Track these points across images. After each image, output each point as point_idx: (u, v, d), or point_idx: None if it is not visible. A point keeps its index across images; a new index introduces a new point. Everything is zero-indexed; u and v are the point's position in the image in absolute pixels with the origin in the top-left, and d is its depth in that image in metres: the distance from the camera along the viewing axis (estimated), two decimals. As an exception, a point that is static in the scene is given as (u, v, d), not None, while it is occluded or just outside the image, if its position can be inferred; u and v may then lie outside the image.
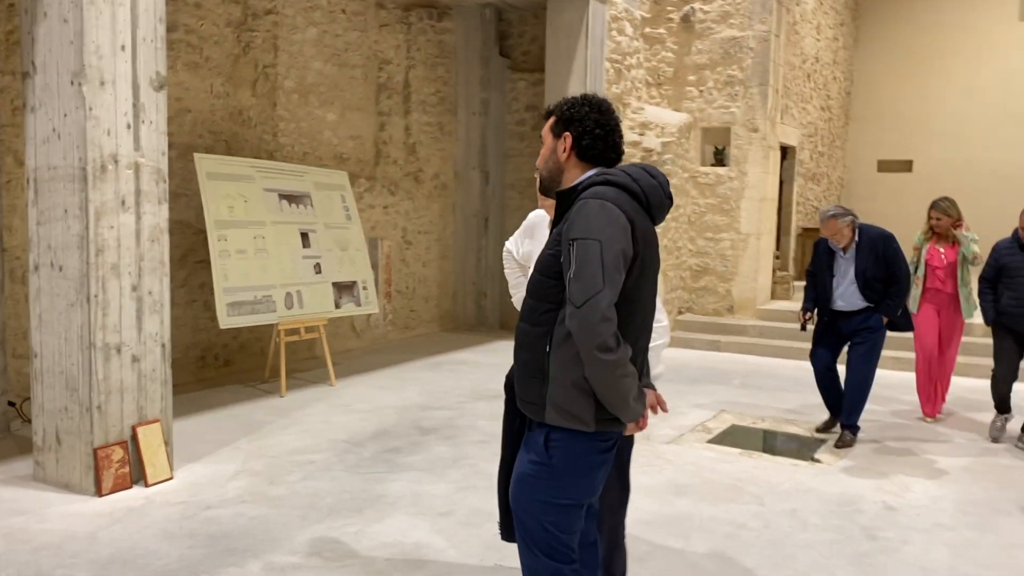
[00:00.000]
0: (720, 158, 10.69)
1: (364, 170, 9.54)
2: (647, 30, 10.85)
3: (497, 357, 9.02)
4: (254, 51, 8.00)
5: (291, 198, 7.45)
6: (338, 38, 9.01)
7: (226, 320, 6.58)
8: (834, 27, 15.09)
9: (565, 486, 2.45)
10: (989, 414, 6.54)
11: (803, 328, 6.04)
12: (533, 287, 2.50)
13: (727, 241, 10.49)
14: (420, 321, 10.45)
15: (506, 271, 3.52)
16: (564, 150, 2.53)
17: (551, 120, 2.58)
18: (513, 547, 2.95)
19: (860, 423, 5.94)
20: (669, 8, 10.79)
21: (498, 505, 3.38)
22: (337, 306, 7.62)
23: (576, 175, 2.53)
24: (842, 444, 5.82)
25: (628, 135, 10.30)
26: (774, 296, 11.12)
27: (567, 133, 2.52)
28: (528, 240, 3.30)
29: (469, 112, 10.75)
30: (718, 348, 9.76)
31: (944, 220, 6.38)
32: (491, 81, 10.75)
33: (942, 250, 6.45)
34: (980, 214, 11.80)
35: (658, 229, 9.76)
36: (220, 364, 7.76)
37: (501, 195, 11.03)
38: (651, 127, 10.27)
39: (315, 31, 8.68)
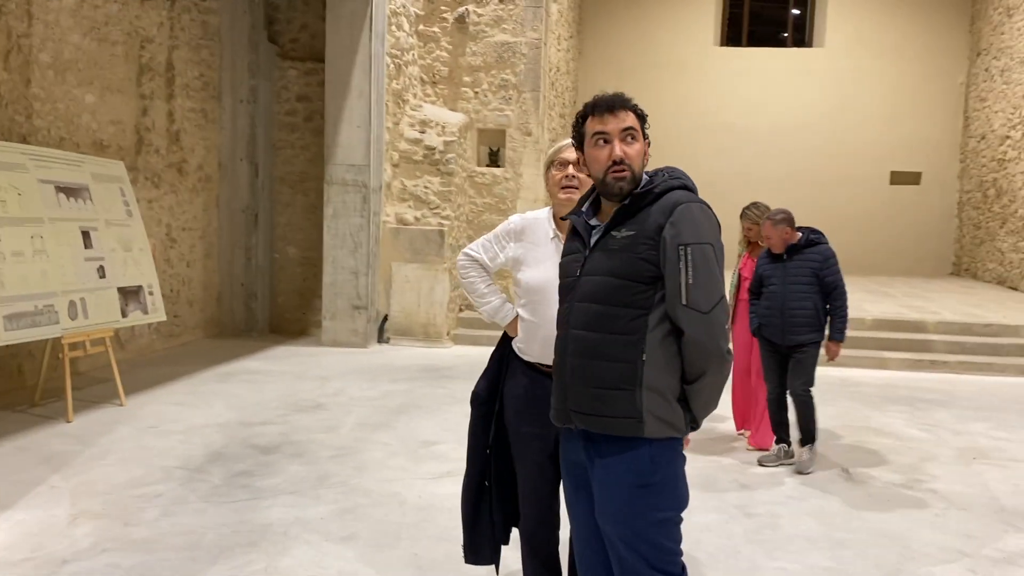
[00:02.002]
0: (495, 159, 10.89)
1: (125, 159, 8.43)
2: (421, 27, 10.76)
3: (286, 365, 8.48)
4: (6, 16, 6.79)
5: (68, 191, 6.44)
6: (98, 9, 7.92)
7: (3, 336, 5.54)
8: (567, 39, 15.97)
9: (679, 497, 2.33)
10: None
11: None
12: (611, 293, 2.28)
13: (504, 240, 10.71)
14: (185, 328, 9.52)
15: (470, 279, 3.19)
16: (647, 155, 2.41)
17: (635, 117, 2.37)
18: (453, 565, 2.73)
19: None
20: (443, 8, 10.77)
21: (463, 527, 3.19)
22: (124, 314, 6.72)
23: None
24: None
25: (408, 132, 10.16)
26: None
27: (647, 141, 2.41)
28: (514, 244, 3.05)
29: (236, 99, 9.97)
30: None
31: (755, 229, 5.96)
32: (260, 68, 10.06)
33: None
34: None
35: (438, 228, 9.74)
36: (-30, 386, 6.52)
37: (270, 189, 10.37)
38: (432, 125, 10.20)
39: (72, -2, 7.56)
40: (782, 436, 5.58)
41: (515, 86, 10.68)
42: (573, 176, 2.86)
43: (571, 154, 2.85)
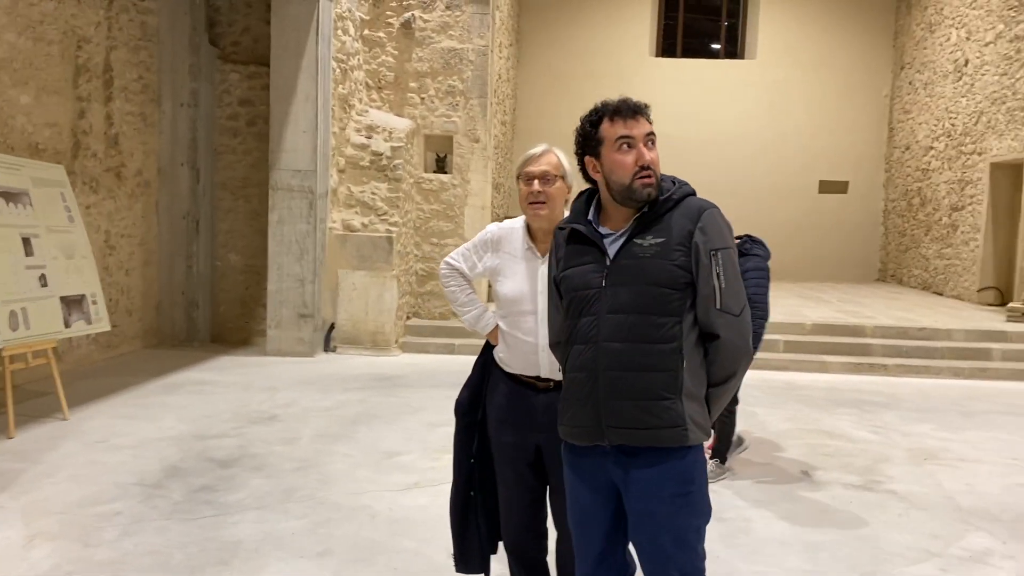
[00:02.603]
0: (442, 165, 10.82)
1: (62, 163, 8.11)
2: (367, 32, 10.63)
3: (232, 375, 8.25)
4: (-63, 12, 6.48)
5: (8, 196, 6.15)
6: (33, 7, 7.60)
7: (-59, 347, 5.26)
8: (508, 47, 16.00)
9: (708, 503, 2.34)
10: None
11: None
12: (649, 302, 2.24)
13: (451, 246, 10.63)
14: (124, 338, 9.19)
15: (451, 289, 3.17)
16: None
17: (651, 128, 2.38)
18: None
19: None
20: (389, 13, 10.67)
21: (452, 536, 3.15)
22: (67, 325, 6.45)
23: None
24: None
25: (355, 138, 10.03)
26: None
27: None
28: (491, 255, 3.01)
29: (176, 103, 9.69)
30: (453, 351, 9.87)
31: None
32: (202, 70, 9.80)
33: None
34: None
35: (386, 234, 9.63)
36: (-101, 402, 6.17)
37: (212, 195, 10.10)
38: (379, 131, 10.09)
39: (7, -5, 7.25)
40: (717, 449, 5.47)
41: (462, 92, 10.64)
42: (540, 192, 2.82)
43: (535, 167, 2.85)
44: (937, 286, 14.75)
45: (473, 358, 3.18)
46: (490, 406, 3.02)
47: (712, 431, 2.39)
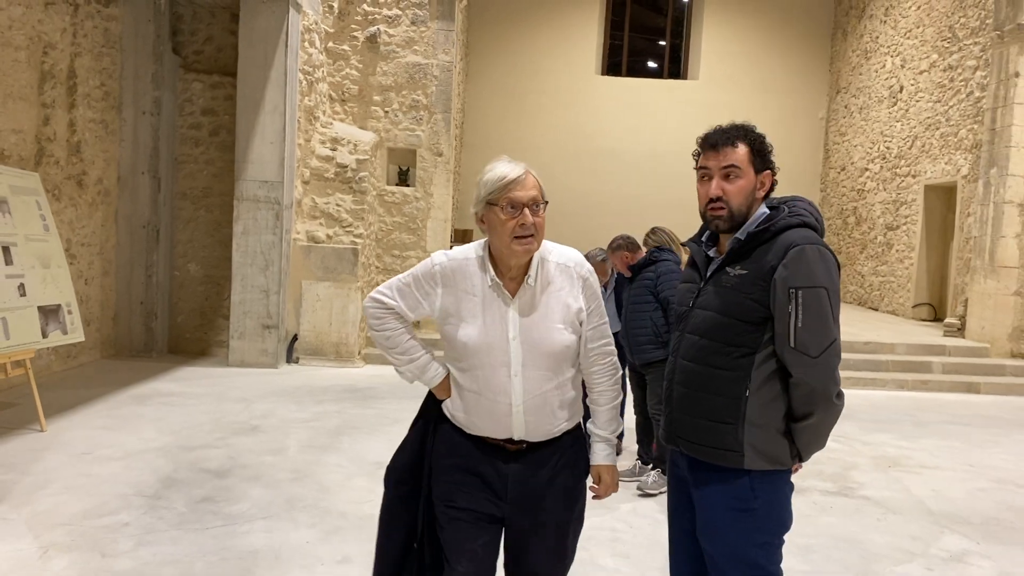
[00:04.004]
0: (404, 178, 10.90)
1: (25, 170, 7.97)
2: (331, 45, 10.67)
3: (200, 386, 8.17)
4: (-90, 14, 6.32)
5: (-13, 203, 6.04)
6: (1, 12, 7.46)
7: (-75, 357, 5.14)
8: (459, 61, 16.17)
9: (780, 522, 2.42)
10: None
11: None
12: (718, 330, 2.35)
13: (414, 259, 10.73)
14: (82, 348, 8.99)
15: (386, 333, 2.51)
16: (762, 187, 2.43)
17: (747, 151, 2.39)
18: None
19: None
20: (354, 26, 10.73)
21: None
22: (44, 335, 6.34)
23: (753, 212, 2.43)
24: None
25: (319, 150, 10.06)
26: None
27: (768, 171, 2.43)
28: (443, 291, 2.41)
29: (139, 111, 9.56)
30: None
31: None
32: (165, 79, 9.69)
33: None
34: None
35: (350, 246, 9.66)
36: None
37: (172, 204, 9.98)
38: (344, 143, 10.12)
39: (-23, -2, 7.10)
40: (657, 457, 5.48)
41: (426, 107, 10.75)
42: (531, 224, 2.30)
43: (523, 192, 2.29)
44: (873, 302, 15.41)
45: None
46: (442, 468, 2.45)
47: (787, 461, 2.42)
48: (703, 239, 2.57)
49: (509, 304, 2.35)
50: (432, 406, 2.55)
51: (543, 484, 2.41)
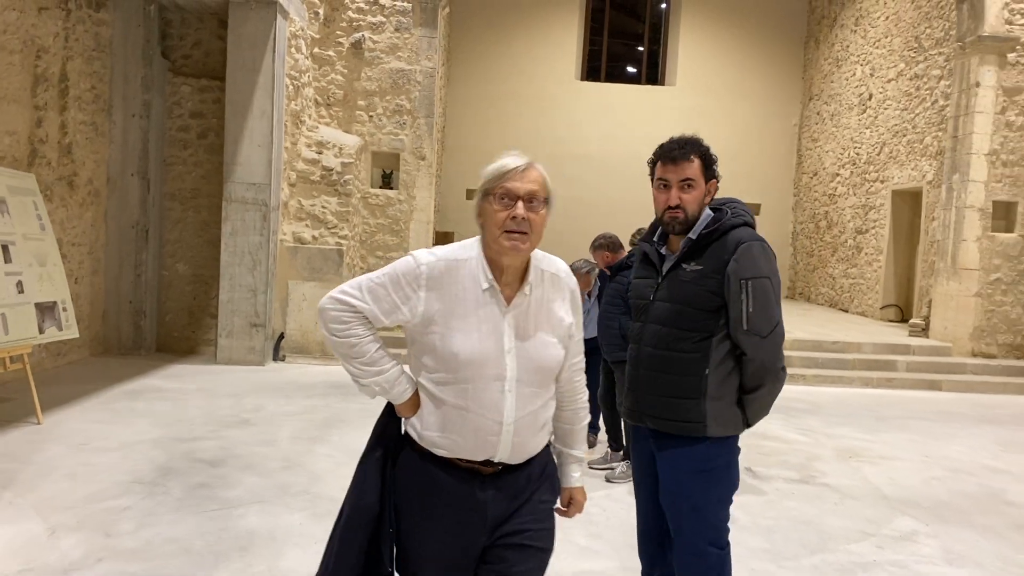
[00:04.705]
0: (388, 181, 11.17)
1: (19, 171, 8.18)
2: (316, 50, 10.93)
3: (190, 383, 8.40)
4: (-89, 20, 6.53)
5: (-13, 203, 6.26)
6: (-3, 16, 7.68)
7: (-69, 351, 5.36)
8: (440, 66, 16.45)
9: (731, 481, 2.81)
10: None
11: None
12: (679, 318, 2.70)
13: (397, 259, 10.99)
14: (72, 345, 9.20)
15: (350, 338, 2.18)
16: (708, 194, 2.79)
17: (699, 164, 2.73)
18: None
19: None
20: (339, 32, 10.99)
21: None
22: (41, 331, 6.56)
23: (700, 215, 2.78)
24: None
25: (306, 153, 10.31)
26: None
27: (714, 180, 2.79)
28: (428, 295, 2.12)
29: (128, 113, 9.78)
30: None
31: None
32: (154, 82, 9.91)
33: None
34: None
35: (336, 247, 9.92)
36: None
37: (160, 205, 10.19)
38: (329, 147, 10.38)
39: (-26, 4, 7.31)
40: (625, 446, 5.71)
41: (410, 111, 11.03)
42: (524, 219, 2.09)
43: (520, 183, 2.10)
44: (843, 303, 15.84)
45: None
46: (410, 492, 2.20)
47: (740, 426, 2.82)
48: (655, 239, 2.91)
49: (505, 313, 2.14)
50: (392, 427, 2.26)
51: (520, 506, 2.22)
